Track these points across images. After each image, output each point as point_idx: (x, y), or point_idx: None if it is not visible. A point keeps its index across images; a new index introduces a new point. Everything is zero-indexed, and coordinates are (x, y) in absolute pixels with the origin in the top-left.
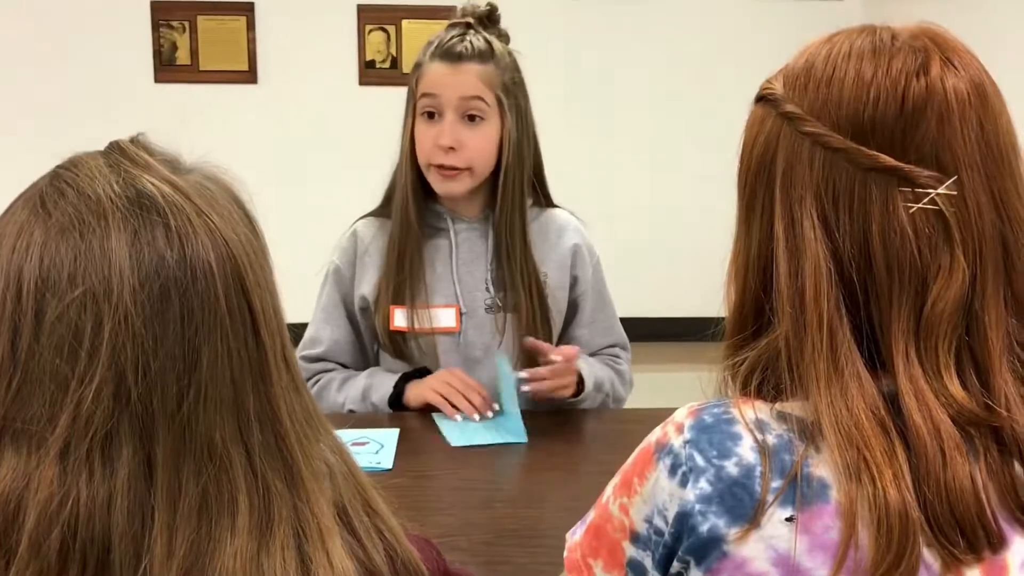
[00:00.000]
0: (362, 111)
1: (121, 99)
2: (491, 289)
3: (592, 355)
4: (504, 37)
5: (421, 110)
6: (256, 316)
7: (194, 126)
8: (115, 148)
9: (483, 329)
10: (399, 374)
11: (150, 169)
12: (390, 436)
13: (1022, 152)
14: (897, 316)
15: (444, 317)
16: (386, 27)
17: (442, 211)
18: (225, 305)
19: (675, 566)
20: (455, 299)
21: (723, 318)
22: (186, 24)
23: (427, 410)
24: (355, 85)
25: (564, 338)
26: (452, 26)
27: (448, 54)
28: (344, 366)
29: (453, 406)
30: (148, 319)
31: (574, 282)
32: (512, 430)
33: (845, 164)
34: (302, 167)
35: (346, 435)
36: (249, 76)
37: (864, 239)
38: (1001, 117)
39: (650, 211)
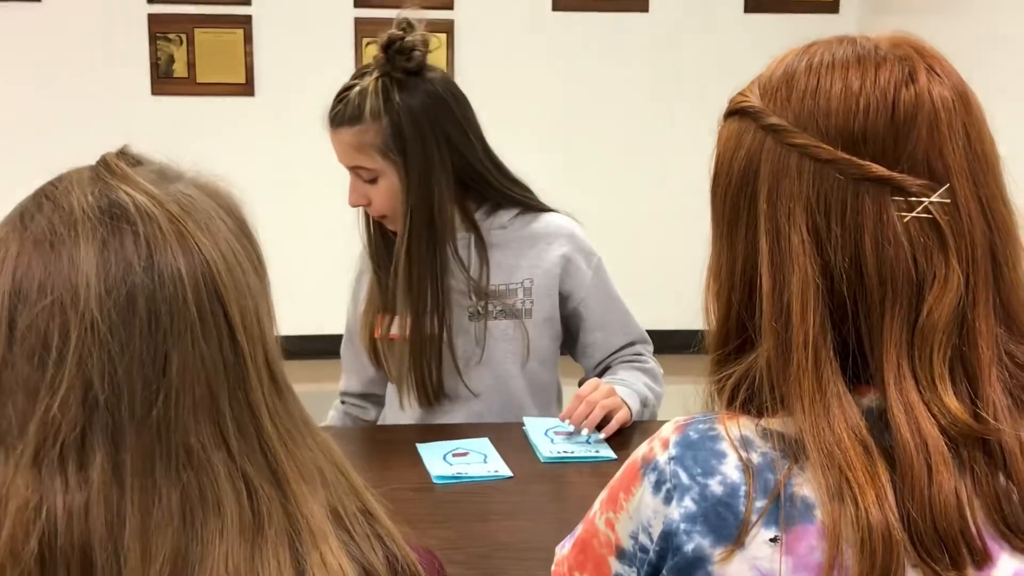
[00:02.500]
0: None
1: (118, 112)
2: (473, 297)
3: (611, 358)
4: (415, 65)
5: None
6: (232, 322)
7: (191, 138)
8: (101, 161)
9: (468, 335)
10: None
11: (127, 180)
12: (485, 444)
13: (1001, 159)
14: (889, 328)
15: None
16: None
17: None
18: (196, 310)
19: None
20: (438, 307)
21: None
22: (183, 36)
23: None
24: None
25: (579, 346)
26: (358, 70)
27: (329, 117)
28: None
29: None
30: (114, 325)
31: (568, 295)
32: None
33: (836, 175)
34: (298, 179)
35: (442, 446)
36: (246, 88)
37: (856, 250)
38: (983, 124)
39: (645, 222)
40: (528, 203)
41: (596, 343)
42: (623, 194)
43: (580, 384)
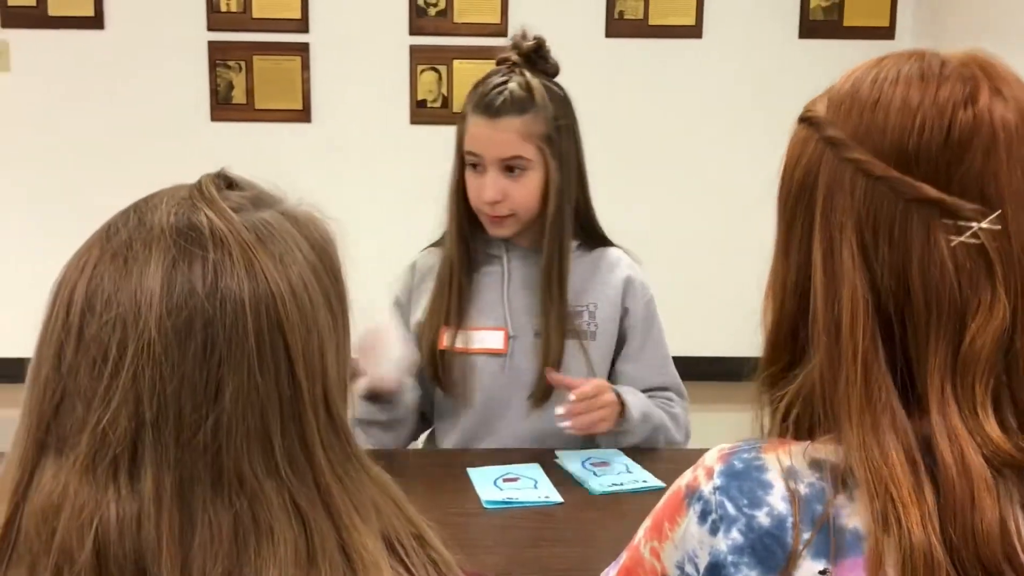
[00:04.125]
0: (414, 150)
1: (178, 137)
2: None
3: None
4: (553, 69)
5: (467, 161)
6: (292, 355)
7: (249, 163)
8: (198, 182)
9: (531, 354)
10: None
11: (212, 203)
12: (535, 470)
13: None
14: (934, 351)
15: (491, 339)
16: (437, 67)
17: (496, 239)
18: (255, 340)
19: None
20: (504, 322)
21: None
22: (242, 64)
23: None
24: (407, 124)
25: (611, 373)
26: (499, 64)
27: (487, 108)
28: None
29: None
30: (169, 346)
31: (624, 313)
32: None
33: (887, 193)
34: (354, 205)
35: (493, 471)
36: (303, 115)
37: (903, 271)
38: None
39: (695, 248)
40: (599, 235)
41: (626, 373)
42: (674, 219)
43: None
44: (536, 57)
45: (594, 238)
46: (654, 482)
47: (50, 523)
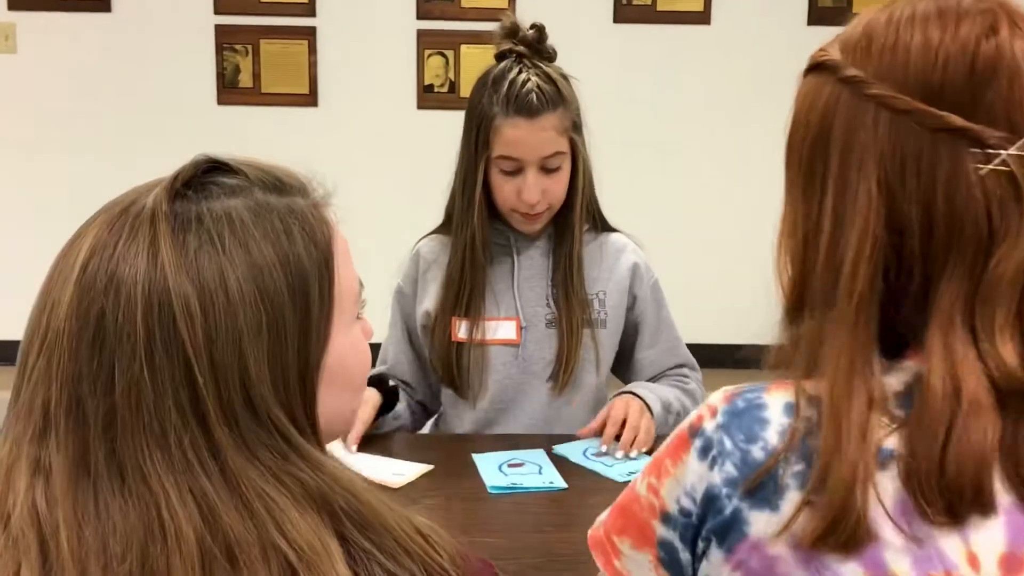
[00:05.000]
0: (420, 134)
1: (184, 120)
2: (551, 305)
3: (658, 377)
4: (553, 54)
5: (499, 167)
6: (191, 354)
7: (256, 147)
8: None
9: (543, 344)
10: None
11: (164, 187)
12: (540, 455)
13: None
14: (948, 281)
15: (505, 329)
16: (444, 52)
17: (504, 230)
18: (144, 336)
19: (700, 545)
20: (516, 312)
21: (739, 345)
22: (249, 48)
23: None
24: (413, 109)
25: (630, 363)
26: (501, 58)
27: (525, 109)
28: (408, 384)
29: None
30: (71, 334)
31: (633, 301)
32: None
33: (913, 126)
34: (361, 189)
35: (498, 456)
36: (310, 99)
37: (928, 201)
38: None
39: (708, 233)
40: (603, 219)
41: (648, 360)
42: (681, 204)
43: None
44: (540, 46)
45: (598, 223)
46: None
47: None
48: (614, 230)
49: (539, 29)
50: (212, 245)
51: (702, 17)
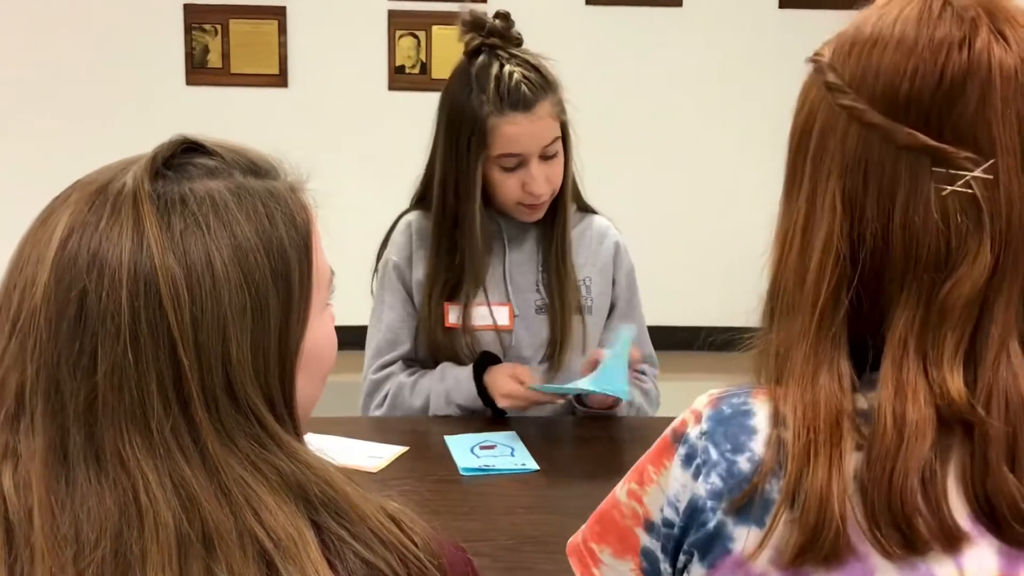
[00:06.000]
0: (392, 116)
1: (153, 101)
2: (542, 291)
3: None
4: (521, 41)
5: (501, 165)
6: (176, 336)
7: (224, 128)
8: (162, 144)
9: (533, 329)
10: (470, 372)
11: (141, 166)
12: (512, 438)
13: None
14: (904, 304)
15: (497, 315)
16: (416, 33)
17: (494, 217)
18: (129, 317)
19: (681, 558)
20: (507, 299)
21: (741, 328)
22: (218, 27)
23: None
24: (385, 90)
25: (596, 343)
26: (472, 54)
27: (521, 103)
28: (418, 360)
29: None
30: (49, 314)
31: (612, 285)
32: (611, 385)
33: (879, 141)
34: (332, 170)
35: (470, 438)
36: (280, 80)
37: (888, 219)
38: None
39: (675, 219)
40: (584, 202)
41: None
42: (655, 186)
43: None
44: (509, 34)
45: (580, 206)
46: (617, 394)
47: None
48: (595, 212)
49: (504, 16)
50: (198, 227)
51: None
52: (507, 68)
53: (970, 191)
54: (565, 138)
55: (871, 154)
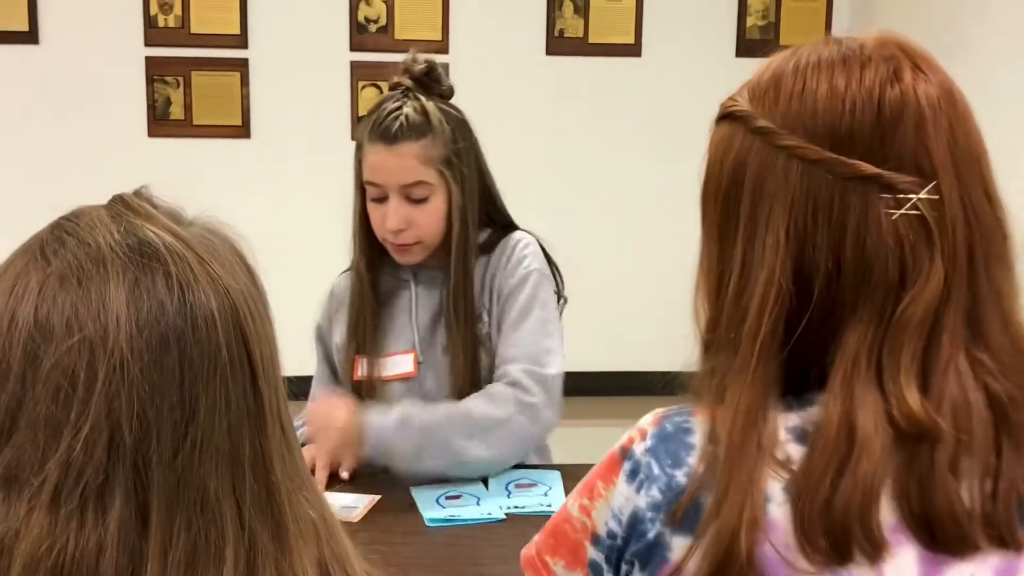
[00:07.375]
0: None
1: (115, 153)
2: (446, 333)
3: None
4: (448, 91)
5: (369, 194)
6: (255, 367)
7: (187, 179)
8: (118, 200)
9: (439, 369)
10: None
11: (152, 219)
12: (478, 487)
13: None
14: (855, 324)
15: (402, 363)
16: (379, 83)
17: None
18: (226, 354)
19: (623, 568)
20: (413, 345)
21: (666, 372)
22: (180, 79)
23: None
24: (347, 141)
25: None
26: (392, 89)
27: (384, 135)
28: None
29: None
30: (146, 366)
31: (501, 291)
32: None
33: (824, 175)
34: (295, 221)
35: (436, 489)
36: (242, 131)
37: (838, 249)
38: (969, 121)
39: (637, 261)
40: (501, 222)
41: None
42: (612, 232)
43: None
44: (429, 80)
45: (502, 223)
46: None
47: (5, 558)
48: (516, 228)
49: (431, 65)
50: (231, 264)
51: (633, 49)
52: (395, 105)
53: (917, 212)
54: (451, 186)
55: (818, 188)
